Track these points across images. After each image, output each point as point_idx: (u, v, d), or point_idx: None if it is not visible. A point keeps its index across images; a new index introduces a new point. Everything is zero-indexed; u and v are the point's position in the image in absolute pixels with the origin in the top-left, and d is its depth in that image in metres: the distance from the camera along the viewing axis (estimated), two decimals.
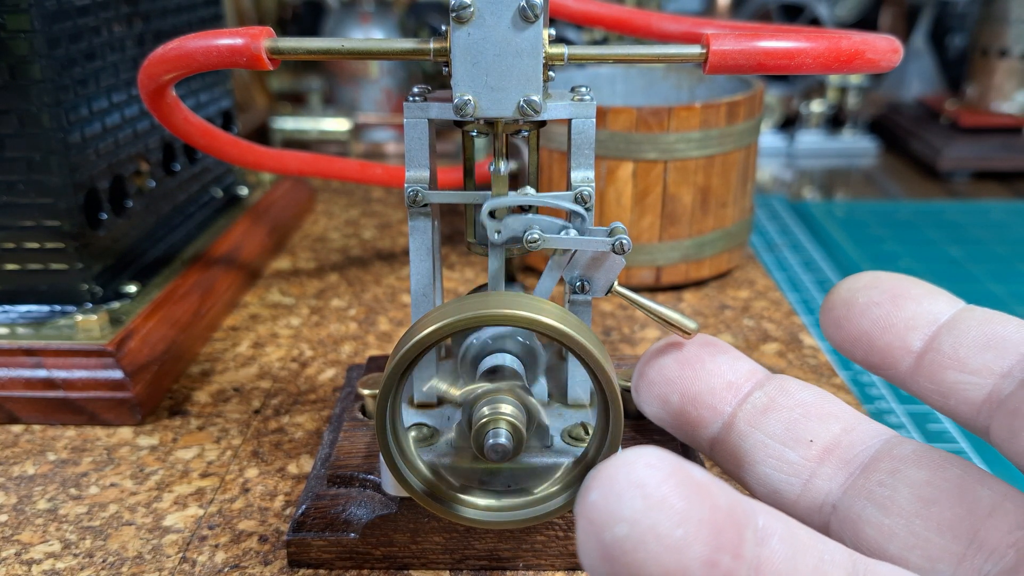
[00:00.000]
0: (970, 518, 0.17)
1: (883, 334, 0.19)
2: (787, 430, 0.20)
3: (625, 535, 0.13)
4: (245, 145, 0.35)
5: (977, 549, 0.17)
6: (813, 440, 0.20)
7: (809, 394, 0.20)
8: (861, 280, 0.20)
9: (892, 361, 0.19)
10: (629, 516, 0.13)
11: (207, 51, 0.23)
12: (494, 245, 0.24)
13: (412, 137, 0.24)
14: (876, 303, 0.19)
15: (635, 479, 0.13)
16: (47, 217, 0.34)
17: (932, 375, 0.18)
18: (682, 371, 0.21)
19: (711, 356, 0.21)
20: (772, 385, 0.21)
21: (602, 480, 0.13)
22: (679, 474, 0.13)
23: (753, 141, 0.44)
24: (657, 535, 0.13)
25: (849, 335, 0.20)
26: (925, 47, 0.81)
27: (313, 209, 0.57)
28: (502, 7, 0.21)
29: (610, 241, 0.23)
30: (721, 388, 0.21)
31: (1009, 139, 0.66)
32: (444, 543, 0.25)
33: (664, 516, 0.13)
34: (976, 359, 0.18)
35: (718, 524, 0.13)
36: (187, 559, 0.26)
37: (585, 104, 0.23)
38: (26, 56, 0.31)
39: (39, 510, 0.28)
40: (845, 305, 0.20)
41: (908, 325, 0.19)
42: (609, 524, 0.13)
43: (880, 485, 0.18)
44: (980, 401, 0.18)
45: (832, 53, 0.22)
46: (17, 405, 0.33)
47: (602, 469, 0.13)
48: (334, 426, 0.29)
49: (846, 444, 0.19)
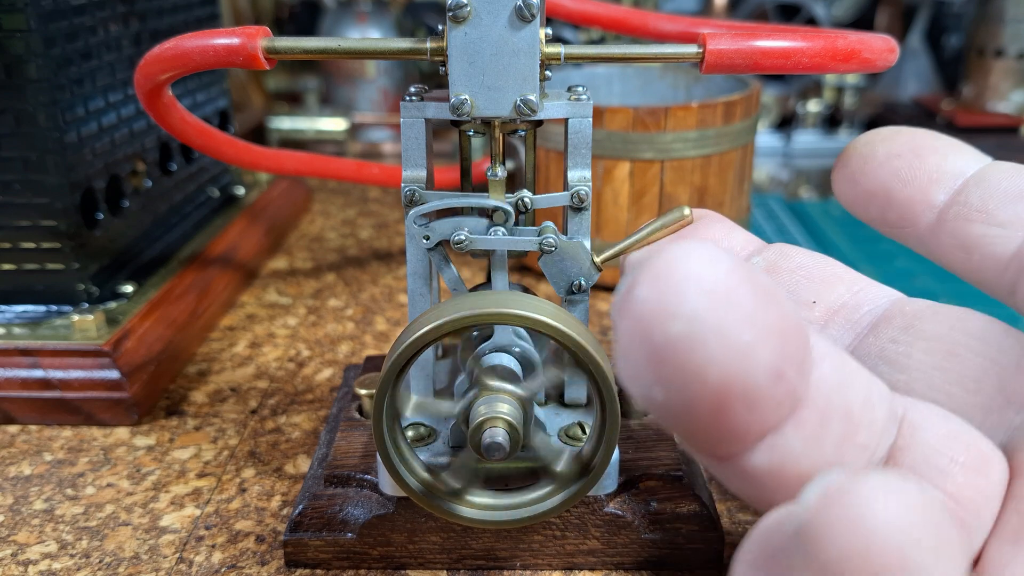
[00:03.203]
0: (996, 369, 0.16)
1: (904, 187, 0.18)
2: (788, 292, 0.19)
3: (683, 333, 0.11)
4: (242, 145, 0.35)
5: (1006, 400, 0.15)
6: (816, 301, 0.18)
7: (811, 257, 0.19)
8: (880, 133, 0.18)
9: (912, 216, 0.18)
10: (688, 312, 0.11)
11: (203, 50, 0.23)
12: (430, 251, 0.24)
13: (409, 137, 0.24)
14: (897, 155, 0.18)
15: (696, 272, 0.11)
16: (43, 217, 0.34)
17: (956, 229, 0.17)
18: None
19: (704, 227, 0.20)
20: (772, 251, 0.19)
21: (654, 272, 0.11)
22: (744, 271, 0.11)
23: (750, 141, 0.44)
24: (722, 335, 0.11)
25: (865, 190, 0.18)
26: (921, 47, 0.81)
27: (310, 209, 0.57)
28: (499, 6, 0.21)
29: (537, 241, 0.23)
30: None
31: (1005, 139, 0.66)
32: (441, 543, 0.25)
33: (731, 315, 0.11)
34: (1006, 210, 0.16)
35: (787, 332, 0.11)
36: (184, 559, 0.26)
37: (582, 104, 0.23)
38: (22, 55, 0.31)
39: (35, 510, 0.28)
40: (862, 158, 0.18)
41: (931, 178, 0.17)
42: (663, 321, 0.11)
43: (892, 342, 0.17)
44: (1008, 256, 0.16)
45: (828, 52, 0.22)
46: (13, 405, 0.32)
47: (653, 261, 0.11)
48: (331, 426, 0.29)
49: (852, 305, 0.18)
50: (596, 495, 0.25)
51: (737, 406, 0.11)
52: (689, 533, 0.25)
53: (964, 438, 0.14)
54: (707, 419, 0.12)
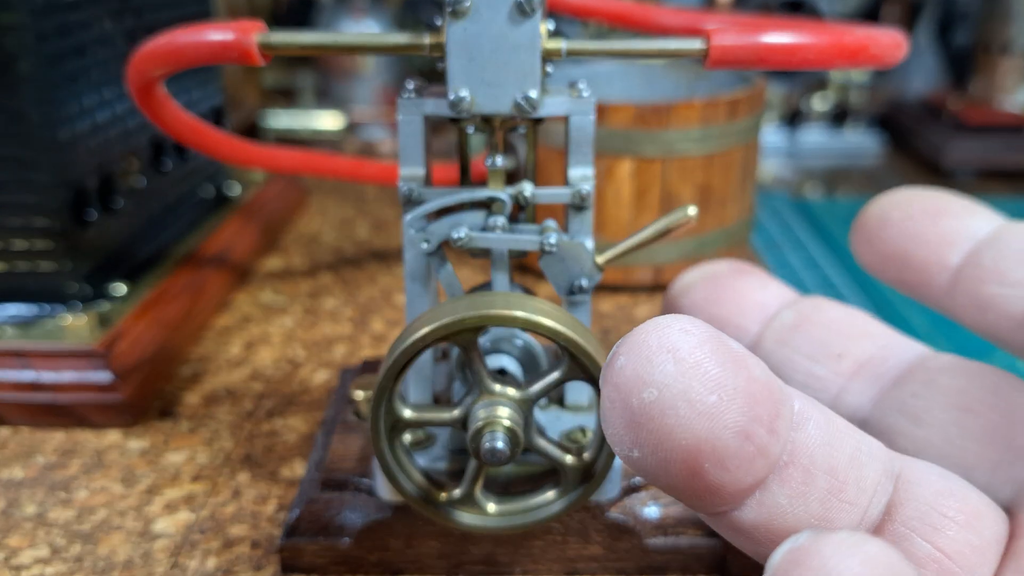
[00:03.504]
0: (1007, 424, 0.16)
1: (919, 250, 0.18)
2: (817, 346, 0.19)
3: (654, 400, 0.12)
4: (237, 142, 0.35)
5: (1014, 456, 0.16)
6: (843, 355, 0.19)
7: (843, 312, 0.20)
8: (896, 196, 0.19)
9: (927, 278, 0.18)
10: (659, 380, 0.12)
11: (197, 46, 0.23)
12: (430, 255, 0.24)
13: (406, 134, 0.23)
14: (912, 219, 0.18)
15: (667, 343, 0.12)
16: (35, 216, 0.33)
17: (970, 289, 0.17)
18: (710, 294, 0.21)
19: (741, 279, 0.21)
20: (804, 303, 0.20)
21: (632, 345, 0.12)
22: (714, 341, 0.12)
23: (754, 138, 0.43)
24: (689, 400, 0.12)
25: (882, 253, 0.19)
26: (929, 43, 0.80)
27: (306, 208, 0.56)
28: (499, 0, 0.21)
29: (537, 240, 0.23)
30: (750, 308, 0.20)
31: (1013, 136, 0.66)
32: (439, 548, 0.25)
33: (697, 381, 0.12)
34: (1018, 271, 0.17)
35: (754, 394, 0.12)
36: (178, 564, 0.25)
37: (583, 100, 0.23)
38: (14, 52, 0.31)
39: (27, 514, 0.28)
40: (879, 222, 0.19)
41: (945, 240, 0.18)
42: (637, 389, 0.12)
43: (913, 396, 0.18)
44: (1021, 314, 0.17)
45: (835, 48, 0.22)
46: (4, 408, 0.32)
47: (632, 334, 0.12)
48: (327, 429, 0.29)
49: (878, 359, 0.19)
50: (598, 500, 0.24)
51: (708, 466, 0.12)
52: (691, 539, 0.25)
53: (959, 494, 0.15)
54: (683, 478, 0.13)
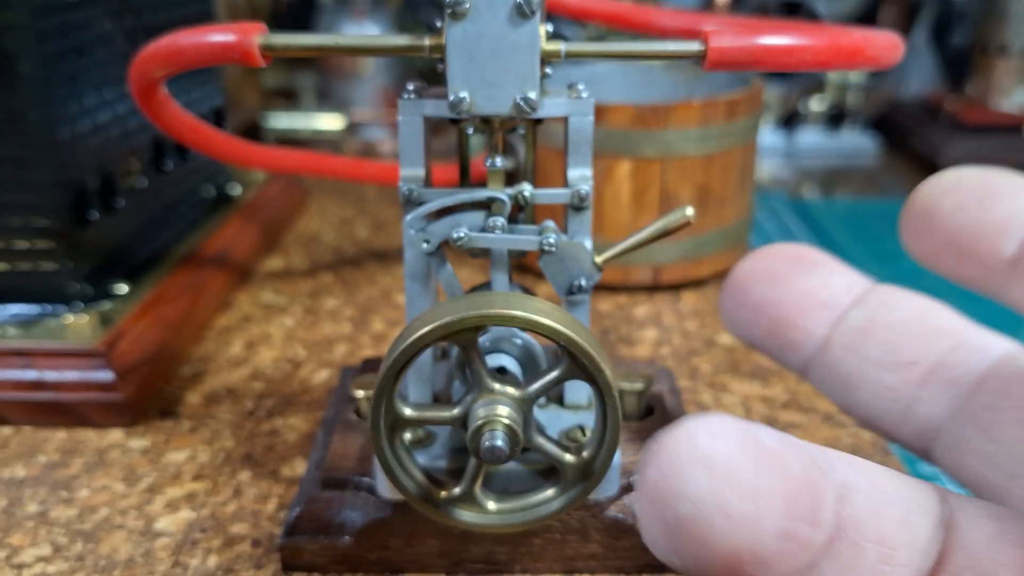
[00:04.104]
0: None
1: (972, 242, 0.17)
2: (887, 352, 0.18)
3: (690, 514, 0.12)
4: (237, 143, 0.35)
5: None
6: (915, 361, 0.18)
7: (915, 307, 0.18)
8: (943, 182, 0.17)
9: (984, 271, 0.17)
10: (693, 494, 0.12)
11: (199, 48, 0.23)
12: (430, 255, 0.24)
13: (406, 135, 0.23)
14: (961, 207, 0.17)
15: (698, 453, 0.12)
16: (36, 216, 0.33)
17: None
18: (770, 292, 0.19)
19: (803, 272, 0.19)
20: (873, 300, 0.19)
21: (662, 455, 0.12)
22: (747, 443, 0.12)
23: (752, 139, 0.43)
24: (725, 513, 0.11)
25: (933, 247, 0.17)
26: (926, 44, 0.80)
27: (306, 208, 0.57)
28: (498, 2, 0.21)
29: (537, 240, 0.23)
30: (814, 308, 0.19)
31: (1011, 137, 0.66)
32: (439, 547, 0.25)
33: (732, 491, 0.11)
34: None
35: (793, 493, 0.12)
36: (179, 563, 0.25)
37: (583, 101, 0.23)
38: (14, 51, 0.31)
39: (29, 513, 0.28)
40: (926, 213, 0.17)
41: (998, 228, 0.16)
42: (671, 503, 0.12)
43: (985, 408, 0.16)
44: None
45: (833, 50, 0.22)
46: (6, 407, 0.32)
47: (661, 441, 0.12)
48: (327, 428, 0.29)
49: (952, 363, 0.17)
50: (597, 498, 0.24)
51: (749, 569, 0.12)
52: None
53: (1010, 536, 0.14)
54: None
